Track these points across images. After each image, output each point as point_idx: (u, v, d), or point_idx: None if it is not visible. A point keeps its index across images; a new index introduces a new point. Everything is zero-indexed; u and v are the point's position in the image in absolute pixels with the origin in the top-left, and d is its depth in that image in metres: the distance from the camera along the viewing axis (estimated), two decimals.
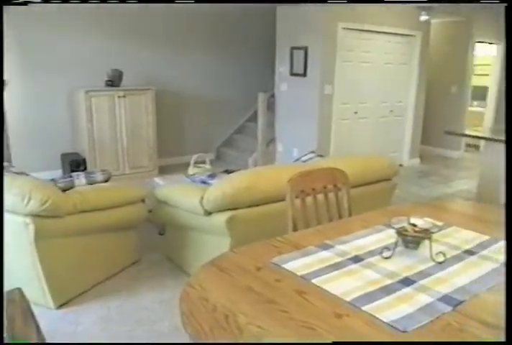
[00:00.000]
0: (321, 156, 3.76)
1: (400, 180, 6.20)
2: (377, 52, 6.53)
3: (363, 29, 6.18)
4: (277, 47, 6.47)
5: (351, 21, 5.98)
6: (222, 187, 2.83)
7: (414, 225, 1.91)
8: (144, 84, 6.27)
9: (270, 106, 6.70)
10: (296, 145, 6.26)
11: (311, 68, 5.99)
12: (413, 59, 6.99)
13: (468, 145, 8.15)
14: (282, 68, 6.42)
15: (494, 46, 8.40)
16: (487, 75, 8.97)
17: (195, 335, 1.42)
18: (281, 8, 6.30)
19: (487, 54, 8.85)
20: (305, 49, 5.99)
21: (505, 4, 2.71)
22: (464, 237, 2.13)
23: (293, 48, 6.16)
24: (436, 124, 7.80)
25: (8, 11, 5.08)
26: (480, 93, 9.51)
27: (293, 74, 6.23)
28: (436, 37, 7.88)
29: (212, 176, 3.62)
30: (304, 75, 6.06)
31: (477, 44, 7.94)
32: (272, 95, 6.71)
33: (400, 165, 7.09)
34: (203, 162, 4.85)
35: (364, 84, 6.49)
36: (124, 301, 3.03)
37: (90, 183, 3.22)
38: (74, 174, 3.22)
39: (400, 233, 1.87)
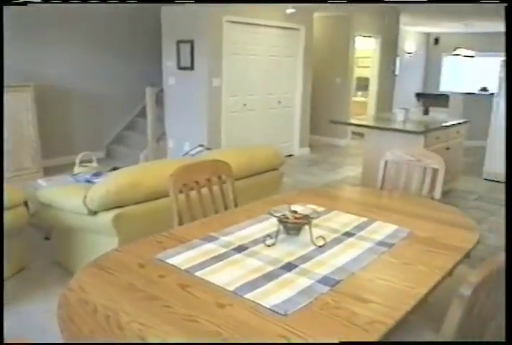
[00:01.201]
0: (209, 149, 3.77)
1: (291, 169, 6.41)
2: (263, 44, 6.65)
3: (248, 22, 6.25)
4: (163, 41, 6.36)
5: (236, 14, 6.03)
6: (106, 184, 2.74)
7: (295, 212, 1.97)
8: (23, 81, 5.88)
9: (160, 101, 6.59)
10: (187, 139, 6.22)
11: (198, 61, 5.96)
12: (298, 51, 7.19)
13: (354, 133, 8.58)
14: (169, 62, 6.32)
15: (372, 39, 8.88)
16: (369, 66, 9.49)
17: (73, 340, 1.37)
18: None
19: (367, 48, 9.34)
20: (192, 43, 5.95)
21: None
22: (344, 220, 2.24)
23: (179, 41, 6.09)
24: (323, 114, 8.10)
25: None
26: (364, 84, 10.05)
27: (180, 68, 6.17)
28: (321, 31, 8.19)
29: (97, 174, 3.49)
30: (192, 68, 6.03)
31: (357, 37, 8.35)
32: (161, 90, 6.60)
33: (290, 155, 7.31)
34: (90, 161, 4.66)
35: (252, 76, 6.59)
36: (8, 313, 2.84)
37: None
38: None
39: (281, 220, 1.91)
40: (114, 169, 3.98)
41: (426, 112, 12.23)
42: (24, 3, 5.03)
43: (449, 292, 1.64)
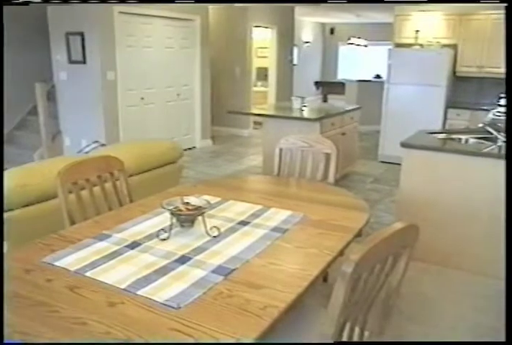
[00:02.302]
0: (103, 145, 3.64)
1: (194, 162, 6.38)
2: (158, 36, 6.51)
3: (141, 13, 6.09)
4: (51, 33, 6.03)
5: (127, 5, 5.83)
6: None
7: (188, 204, 1.95)
8: None
9: (53, 97, 6.26)
10: (84, 136, 5.97)
11: (91, 55, 5.72)
12: (195, 43, 7.12)
13: (255, 123, 8.64)
14: (58, 56, 6.01)
15: (269, 30, 9.00)
16: (267, 57, 9.62)
17: None
18: None
19: (266, 38, 9.45)
20: (82, 35, 5.69)
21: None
22: (240, 209, 2.26)
23: (68, 34, 5.80)
24: (224, 105, 8.08)
25: None
26: (264, 74, 10.19)
27: (71, 61, 5.88)
28: (217, 22, 8.16)
29: None
30: (84, 62, 5.77)
31: (255, 28, 8.43)
32: (53, 86, 6.27)
33: (193, 148, 7.28)
34: None
35: (149, 69, 6.44)
36: None
37: None
38: None
39: (174, 213, 1.89)
40: None
41: (325, 99, 12.66)
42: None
43: None
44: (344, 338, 1.52)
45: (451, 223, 3.32)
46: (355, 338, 1.59)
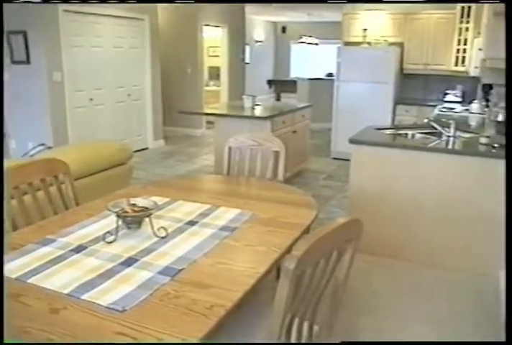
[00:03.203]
0: (50, 147, 3.55)
1: (146, 163, 6.31)
2: (107, 36, 6.37)
3: (87, 12, 5.95)
4: None
5: (72, 3, 5.68)
6: None
7: (134, 205, 1.93)
8: None
9: None
10: (31, 139, 5.78)
11: (35, 54, 5.55)
12: (144, 42, 7.02)
13: (208, 122, 8.59)
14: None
15: (220, 29, 8.98)
16: (219, 56, 9.59)
17: None
18: None
19: (217, 37, 9.42)
20: (25, 34, 5.51)
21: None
22: (188, 209, 2.24)
23: (9, 32, 5.60)
24: (177, 105, 7.97)
25: None
26: (216, 73, 10.16)
27: (14, 62, 5.69)
28: (167, 21, 8.08)
29: None
30: (27, 62, 5.59)
31: (206, 27, 8.39)
32: None
33: (145, 148, 7.19)
34: None
35: (98, 69, 6.30)
36: None
37: None
38: None
39: (120, 215, 1.86)
40: None
41: (278, 98, 12.75)
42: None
43: None
44: (293, 334, 1.54)
45: (399, 217, 3.41)
46: (304, 334, 1.61)
